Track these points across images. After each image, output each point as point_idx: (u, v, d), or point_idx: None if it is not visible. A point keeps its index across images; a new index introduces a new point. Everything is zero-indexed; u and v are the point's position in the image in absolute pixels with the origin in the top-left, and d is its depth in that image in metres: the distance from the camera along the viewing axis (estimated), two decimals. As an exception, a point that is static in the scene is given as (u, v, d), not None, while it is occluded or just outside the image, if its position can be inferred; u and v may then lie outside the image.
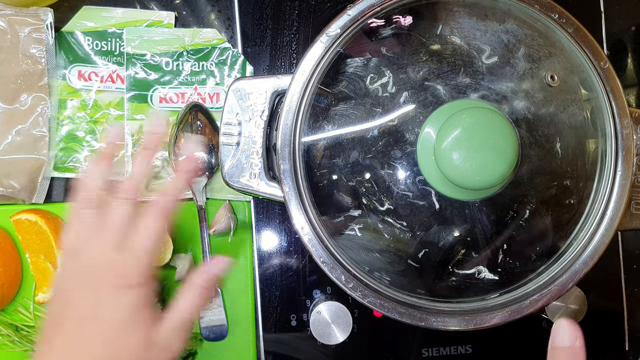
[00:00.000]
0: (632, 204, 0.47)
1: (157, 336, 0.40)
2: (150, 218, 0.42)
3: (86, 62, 0.60)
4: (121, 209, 0.41)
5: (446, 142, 0.41)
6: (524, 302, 0.45)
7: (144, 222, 0.41)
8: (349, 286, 0.44)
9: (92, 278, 0.40)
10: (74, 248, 0.41)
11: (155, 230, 0.41)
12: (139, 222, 0.41)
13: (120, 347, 0.38)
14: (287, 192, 0.45)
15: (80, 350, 0.38)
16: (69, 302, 0.40)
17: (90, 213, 0.41)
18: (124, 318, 0.39)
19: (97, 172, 0.43)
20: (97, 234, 0.41)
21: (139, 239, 0.41)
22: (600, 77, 0.46)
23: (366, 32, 0.46)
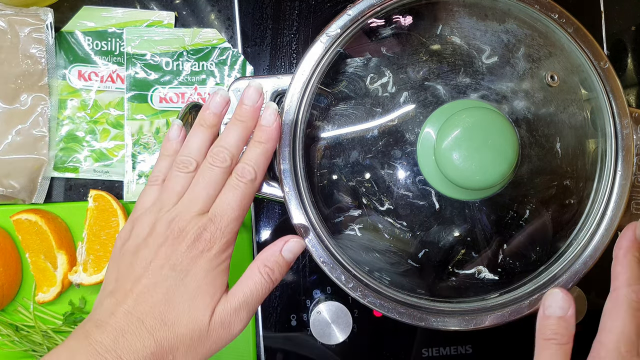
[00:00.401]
0: (632, 203, 0.47)
1: (220, 310, 0.39)
2: (237, 189, 0.41)
3: (86, 62, 0.60)
4: (212, 174, 0.41)
5: (446, 142, 0.41)
6: (524, 302, 0.45)
7: (231, 192, 0.41)
8: (349, 286, 0.44)
9: (173, 236, 0.39)
10: (159, 206, 0.41)
11: (240, 200, 0.41)
12: (227, 189, 0.41)
13: (185, 306, 0.38)
14: (287, 192, 0.45)
15: (146, 294, 0.38)
16: (146, 251, 0.39)
17: (183, 176, 0.41)
18: (198, 279, 0.39)
19: (197, 138, 0.42)
20: (186, 196, 0.41)
21: (226, 206, 0.40)
22: (600, 77, 0.46)
23: (366, 32, 0.46)
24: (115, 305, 0.38)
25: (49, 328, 0.58)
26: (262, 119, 0.42)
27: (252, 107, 0.42)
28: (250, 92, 0.43)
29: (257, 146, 0.42)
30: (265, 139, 0.42)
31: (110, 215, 0.57)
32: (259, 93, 0.43)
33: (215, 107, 0.43)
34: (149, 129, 0.59)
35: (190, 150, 0.42)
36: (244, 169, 0.41)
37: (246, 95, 0.43)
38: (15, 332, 0.57)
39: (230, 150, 0.41)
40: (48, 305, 0.58)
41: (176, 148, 0.44)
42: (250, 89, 0.43)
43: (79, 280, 0.56)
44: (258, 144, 0.42)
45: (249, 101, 0.43)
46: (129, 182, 0.59)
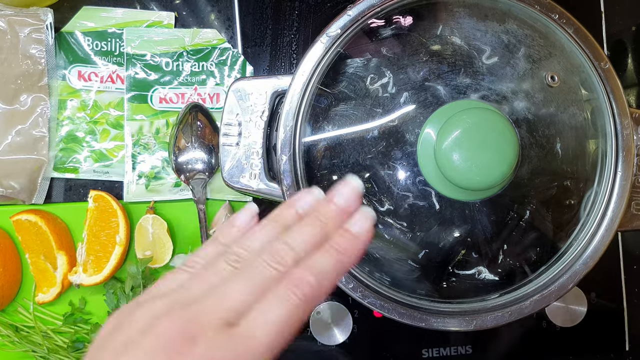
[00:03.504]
0: (632, 204, 0.47)
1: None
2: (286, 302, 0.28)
3: (86, 63, 0.60)
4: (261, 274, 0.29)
5: (446, 142, 0.41)
6: (524, 302, 0.45)
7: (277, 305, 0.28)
8: (349, 287, 0.44)
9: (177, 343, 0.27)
10: (178, 296, 0.29)
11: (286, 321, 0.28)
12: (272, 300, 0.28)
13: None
14: (288, 193, 0.45)
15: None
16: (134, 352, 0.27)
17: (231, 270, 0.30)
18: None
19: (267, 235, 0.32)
20: (214, 290, 0.29)
21: (264, 324, 0.28)
22: (600, 78, 0.46)
23: (366, 32, 0.46)
24: None
25: (48, 329, 0.58)
26: (353, 224, 0.31)
27: (342, 210, 0.32)
28: (347, 191, 0.32)
29: (332, 255, 0.30)
30: (345, 250, 0.30)
31: (110, 215, 0.57)
32: (357, 196, 0.32)
33: (303, 207, 0.33)
34: (149, 130, 0.59)
35: (254, 245, 0.31)
36: (303, 280, 0.29)
37: (340, 193, 0.32)
38: (15, 333, 0.57)
39: (296, 252, 0.30)
40: (48, 305, 0.58)
41: (236, 238, 0.33)
42: (349, 188, 0.32)
43: (79, 280, 0.56)
44: (335, 252, 0.30)
45: (342, 201, 0.32)
46: (129, 183, 0.59)
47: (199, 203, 0.58)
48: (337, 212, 0.32)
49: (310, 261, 0.30)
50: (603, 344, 0.61)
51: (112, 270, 0.56)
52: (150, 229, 0.58)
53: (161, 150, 0.59)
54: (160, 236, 0.58)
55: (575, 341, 0.60)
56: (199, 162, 0.58)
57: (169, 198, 0.60)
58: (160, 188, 0.59)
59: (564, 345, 0.60)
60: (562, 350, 0.61)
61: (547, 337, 0.60)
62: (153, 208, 0.59)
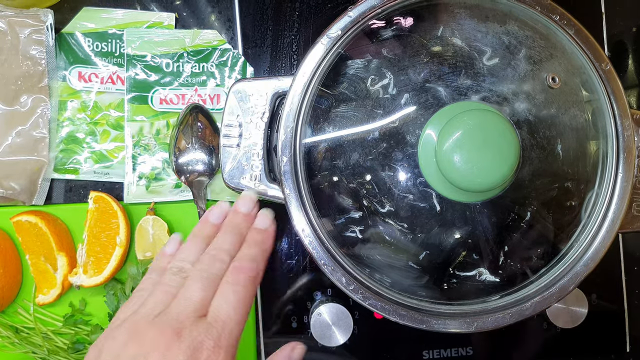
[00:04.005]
0: (633, 205, 0.47)
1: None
2: (237, 285, 0.37)
3: (86, 64, 0.60)
4: (209, 273, 0.37)
5: (447, 144, 0.40)
6: (525, 304, 0.45)
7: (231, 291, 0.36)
8: (350, 288, 0.44)
9: (165, 341, 0.33)
10: (146, 311, 0.35)
11: (243, 300, 0.36)
12: (226, 289, 0.36)
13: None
14: (288, 194, 0.45)
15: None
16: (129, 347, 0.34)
17: (178, 279, 0.37)
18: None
19: (195, 248, 0.39)
20: (181, 296, 0.36)
21: (227, 307, 0.35)
22: (601, 79, 0.46)
23: (367, 33, 0.46)
24: None
25: (49, 330, 0.58)
26: (258, 223, 0.42)
27: (246, 215, 0.42)
28: (246, 200, 0.43)
29: (254, 246, 0.40)
30: (261, 240, 0.41)
31: (111, 217, 0.57)
32: (253, 202, 0.43)
33: (215, 218, 0.42)
34: (149, 131, 0.59)
35: (187, 256, 0.39)
36: (243, 266, 0.37)
37: (241, 203, 0.43)
38: (15, 334, 0.57)
39: (229, 252, 0.39)
40: (48, 307, 0.58)
41: (170, 261, 0.40)
42: (245, 198, 0.43)
43: (79, 282, 0.56)
44: (254, 244, 0.40)
45: (244, 209, 0.42)
46: (129, 184, 0.59)
47: (199, 204, 0.58)
48: (244, 218, 0.42)
49: (242, 254, 0.39)
50: (604, 345, 0.61)
51: (113, 272, 0.56)
52: (151, 230, 0.58)
53: (161, 152, 0.59)
54: (160, 237, 0.58)
55: (576, 342, 0.60)
56: (199, 163, 0.58)
57: (169, 199, 0.60)
58: (160, 189, 0.59)
59: (565, 347, 0.60)
60: (563, 352, 0.61)
61: (548, 339, 0.60)
62: (153, 209, 0.59)
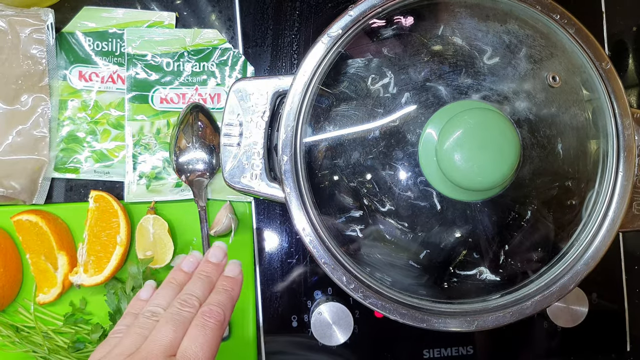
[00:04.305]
0: (633, 204, 0.47)
1: None
2: (206, 329, 0.39)
3: (87, 63, 0.60)
4: (180, 316, 0.39)
5: (448, 143, 0.40)
6: (526, 303, 0.45)
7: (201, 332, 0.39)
8: (351, 287, 0.44)
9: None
10: (120, 350, 0.38)
11: (210, 341, 0.38)
12: (196, 330, 0.39)
13: None
14: (288, 193, 0.45)
15: None
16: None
17: (151, 322, 0.39)
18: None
19: (168, 294, 0.42)
20: (151, 337, 0.38)
21: (196, 347, 0.37)
22: (601, 78, 0.46)
23: (367, 32, 0.46)
24: None
25: (49, 329, 0.58)
26: (228, 271, 0.45)
27: (217, 265, 0.45)
28: (216, 251, 0.45)
29: (223, 292, 0.42)
30: (231, 287, 0.43)
31: (111, 216, 0.57)
32: (223, 252, 0.46)
33: (188, 266, 0.45)
34: (149, 130, 0.59)
35: (160, 301, 0.41)
36: (212, 310, 0.40)
37: (212, 253, 0.45)
38: (16, 333, 0.57)
39: (199, 298, 0.41)
40: (48, 306, 0.58)
41: (144, 306, 0.42)
42: (216, 248, 0.46)
43: (80, 281, 0.56)
44: (223, 290, 0.42)
45: (214, 259, 0.45)
46: (130, 183, 0.59)
47: (199, 203, 0.58)
48: (214, 267, 0.44)
49: (211, 299, 0.41)
50: (604, 344, 0.61)
51: (113, 271, 0.56)
52: (151, 230, 0.58)
53: (162, 151, 0.59)
54: (161, 236, 0.58)
55: (577, 341, 0.60)
56: (199, 163, 0.58)
57: (169, 198, 0.60)
58: (161, 188, 0.59)
59: (565, 346, 0.60)
60: (563, 351, 0.61)
61: (548, 338, 0.60)
62: (154, 208, 0.59)
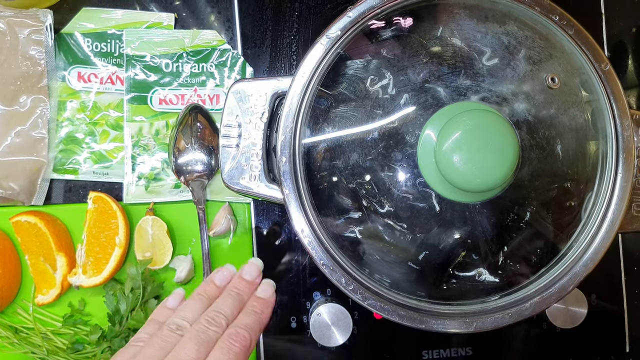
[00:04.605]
0: (632, 206, 0.47)
1: None
2: (230, 352, 0.37)
3: (86, 64, 0.59)
4: (206, 335, 0.38)
5: (447, 144, 0.40)
6: (525, 304, 0.45)
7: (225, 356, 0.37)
8: (349, 288, 0.44)
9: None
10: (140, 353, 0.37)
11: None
12: (219, 353, 0.37)
13: None
14: (287, 194, 0.45)
15: None
16: None
17: (175, 336, 0.38)
18: None
19: (197, 306, 0.41)
20: (173, 354, 0.37)
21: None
22: (601, 79, 0.46)
23: (366, 34, 0.46)
24: None
25: (48, 330, 0.58)
26: (260, 292, 0.43)
27: (250, 282, 0.44)
28: (251, 268, 0.44)
29: (252, 315, 0.41)
30: (261, 309, 0.42)
31: (110, 217, 0.57)
32: (258, 270, 0.45)
33: (220, 280, 0.44)
34: (148, 131, 0.59)
35: (187, 315, 0.40)
36: (239, 334, 0.39)
37: (246, 270, 0.44)
38: (15, 334, 0.57)
39: (227, 317, 0.40)
40: (47, 307, 0.58)
41: (170, 314, 0.41)
42: (252, 265, 0.45)
43: (79, 282, 0.56)
44: (253, 312, 0.41)
45: (248, 276, 0.44)
46: (129, 184, 0.59)
47: (198, 204, 0.58)
48: (247, 285, 0.43)
49: (239, 321, 0.40)
50: (603, 345, 0.61)
51: (112, 272, 0.56)
52: (150, 231, 0.58)
53: (161, 152, 0.59)
54: (159, 237, 0.58)
55: (576, 343, 0.60)
56: (198, 164, 0.58)
57: (168, 199, 0.59)
58: (159, 189, 0.59)
59: (565, 347, 0.60)
60: (562, 352, 0.60)
61: (547, 339, 0.60)
62: (153, 209, 0.59)
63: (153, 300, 0.57)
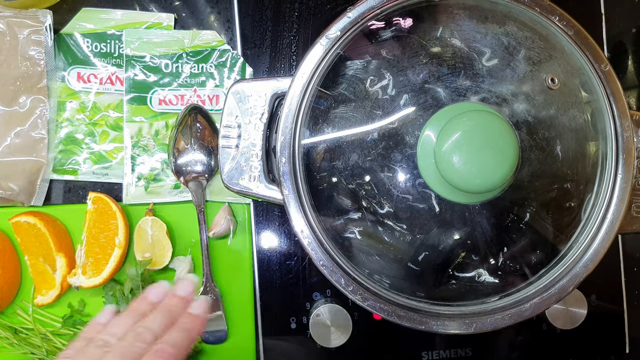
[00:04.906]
0: (632, 206, 0.47)
1: None
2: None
3: (85, 64, 0.59)
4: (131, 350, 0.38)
5: (446, 145, 0.40)
6: (525, 305, 0.45)
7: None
8: (349, 289, 0.44)
9: None
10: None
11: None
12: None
13: None
14: (287, 195, 0.45)
15: None
16: None
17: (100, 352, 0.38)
18: None
19: (127, 322, 0.40)
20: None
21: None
22: (600, 80, 0.46)
23: (366, 34, 0.46)
24: None
25: (47, 331, 0.58)
26: (194, 308, 0.43)
27: (183, 299, 0.43)
28: (185, 285, 0.44)
29: (182, 331, 0.41)
30: (191, 326, 0.41)
31: (109, 217, 0.57)
32: (193, 287, 0.44)
33: (153, 296, 0.43)
34: (148, 131, 0.59)
35: (115, 330, 0.40)
36: (164, 350, 0.38)
37: (180, 287, 0.44)
38: (14, 335, 0.57)
39: (155, 333, 0.39)
40: (47, 307, 0.58)
41: (100, 330, 0.41)
42: (186, 282, 0.44)
43: (78, 282, 0.56)
44: (183, 329, 0.41)
45: (182, 292, 0.43)
46: (128, 185, 0.59)
47: (198, 205, 0.58)
48: (180, 301, 0.43)
49: (167, 336, 0.39)
50: (603, 346, 0.61)
51: (111, 273, 0.56)
52: (150, 231, 0.58)
53: (160, 152, 0.59)
54: (159, 238, 0.58)
55: (576, 344, 0.60)
56: (198, 164, 0.58)
57: (168, 200, 0.59)
58: (159, 190, 0.59)
59: (564, 348, 0.60)
60: (562, 353, 0.60)
61: (547, 340, 0.60)
62: (152, 210, 0.59)
63: (152, 301, 0.56)
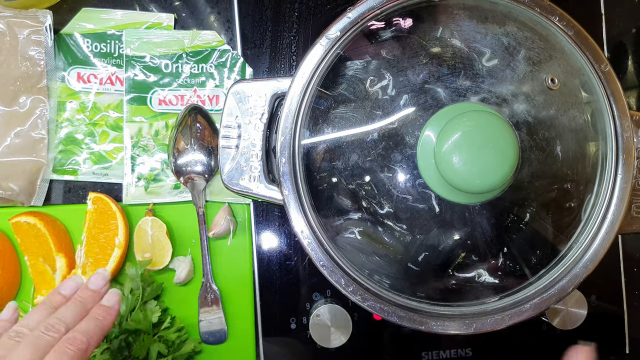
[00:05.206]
0: (632, 207, 0.47)
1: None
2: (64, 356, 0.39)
3: (85, 64, 0.59)
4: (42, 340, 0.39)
5: (446, 145, 0.40)
6: (525, 305, 0.45)
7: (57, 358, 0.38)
8: (349, 290, 0.44)
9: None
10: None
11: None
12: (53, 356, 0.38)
13: None
14: (287, 195, 0.45)
15: None
16: None
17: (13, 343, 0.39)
18: None
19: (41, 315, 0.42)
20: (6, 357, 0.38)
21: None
22: (600, 80, 0.46)
23: (366, 34, 0.46)
24: None
25: (47, 331, 0.58)
26: (105, 300, 0.45)
27: (95, 292, 0.45)
28: (97, 278, 0.46)
29: (93, 320, 0.42)
30: (103, 316, 0.43)
31: (109, 218, 0.57)
32: (104, 280, 0.46)
33: (66, 290, 0.45)
34: (148, 132, 0.59)
35: (28, 322, 0.41)
36: (76, 338, 0.40)
37: (92, 280, 0.46)
38: (14, 335, 0.57)
39: (67, 323, 0.41)
40: (47, 308, 0.58)
41: (5, 326, 0.42)
42: (98, 275, 0.46)
43: (78, 283, 0.56)
44: (94, 319, 0.42)
45: (93, 286, 0.45)
46: (128, 185, 0.59)
47: (198, 205, 0.58)
48: (92, 294, 0.45)
49: (79, 326, 0.41)
50: (603, 346, 0.61)
51: (111, 273, 0.56)
52: (150, 231, 0.58)
53: (160, 152, 0.59)
54: (159, 238, 0.58)
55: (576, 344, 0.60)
56: (198, 164, 0.58)
57: (168, 200, 0.59)
58: (159, 190, 0.59)
59: (564, 348, 0.60)
60: (562, 353, 0.60)
61: (547, 340, 0.60)
62: (152, 210, 0.59)
63: (153, 301, 0.56)
